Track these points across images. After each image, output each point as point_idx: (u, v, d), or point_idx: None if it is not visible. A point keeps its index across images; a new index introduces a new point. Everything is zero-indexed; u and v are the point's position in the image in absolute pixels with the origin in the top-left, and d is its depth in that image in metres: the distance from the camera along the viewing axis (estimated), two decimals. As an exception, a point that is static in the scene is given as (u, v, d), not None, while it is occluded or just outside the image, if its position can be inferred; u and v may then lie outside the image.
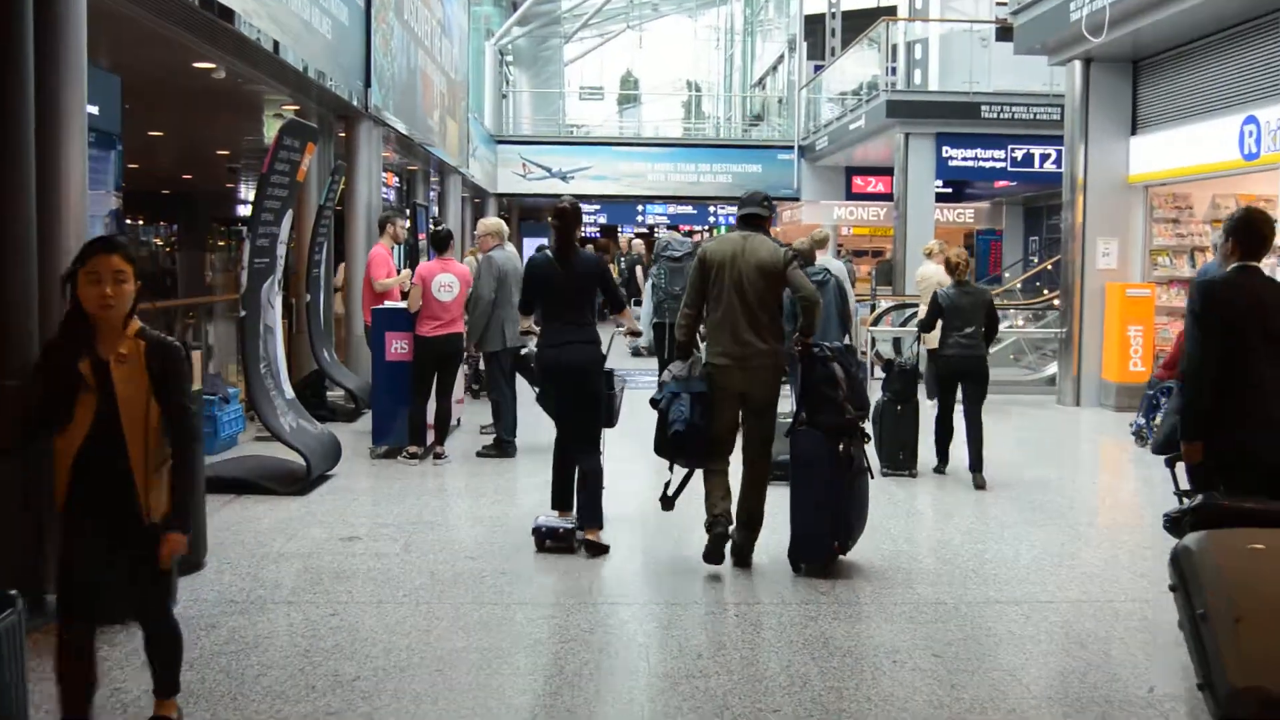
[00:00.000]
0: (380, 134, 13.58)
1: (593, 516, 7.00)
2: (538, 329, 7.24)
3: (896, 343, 15.28)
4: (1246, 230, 5.24)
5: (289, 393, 9.05)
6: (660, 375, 8.17)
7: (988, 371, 9.38)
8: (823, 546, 6.54)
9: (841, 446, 6.49)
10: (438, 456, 9.61)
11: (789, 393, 8.26)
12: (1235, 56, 12.16)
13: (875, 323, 15.69)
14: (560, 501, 7.23)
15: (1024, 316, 17.38)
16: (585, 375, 7.05)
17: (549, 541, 6.93)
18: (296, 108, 11.93)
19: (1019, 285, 20.82)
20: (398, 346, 9.82)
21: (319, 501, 8.11)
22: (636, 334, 8.07)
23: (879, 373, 11.92)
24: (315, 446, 8.67)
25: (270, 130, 14.37)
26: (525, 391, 10.04)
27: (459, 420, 11.26)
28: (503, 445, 10.00)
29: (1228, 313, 5.09)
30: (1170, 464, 5.49)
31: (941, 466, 9.55)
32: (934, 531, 7.74)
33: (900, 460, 9.38)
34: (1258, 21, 11.67)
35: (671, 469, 6.85)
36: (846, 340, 9.73)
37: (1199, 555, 4.50)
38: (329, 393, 11.97)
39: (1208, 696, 4.37)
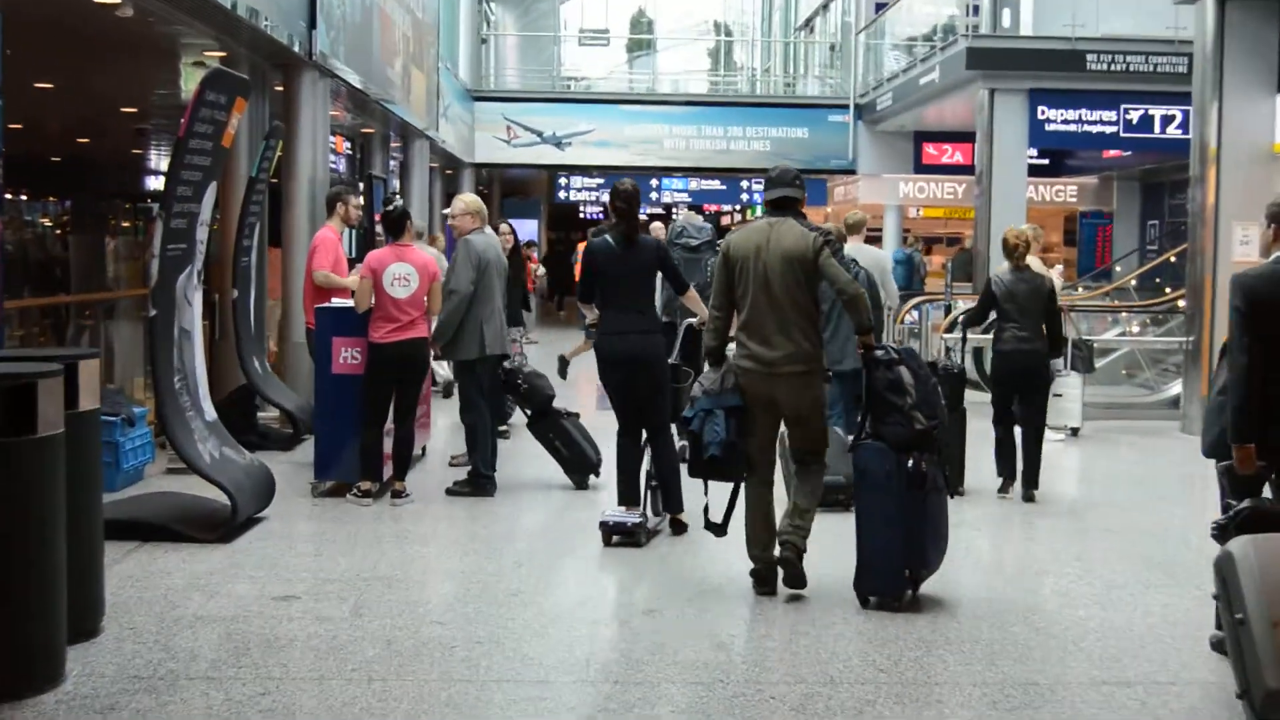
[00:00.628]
0: (327, 88, 13.63)
1: (674, 502, 8.66)
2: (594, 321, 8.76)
3: (978, 354, 15.25)
4: None
5: (210, 413, 9.06)
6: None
7: (1049, 373, 9.94)
8: (896, 576, 6.99)
9: (911, 461, 6.89)
10: (397, 495, 9.62)
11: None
12: None
13: (951, 329, 15.65)
14: (627, 497, 8.59)
15: (1139, 321, 17.38)
16: (649, 365, 8.52)
17: (616, 537, 8.31)
18: (223, 54, 11.99)
19: (1134, 282, 20.83)
20: (347, 356, 9.82)
21: (247, 550, 8.11)
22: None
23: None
24: (243, 481, 8.68)
25: (189, 83, 14.43)
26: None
27: (424, 449, 11.28)
28: (478, 481, 9.97)
29: (1266, 308, 5.90)
30: (1224, 472, 6.16)
31: (1005, 487, 9.66)
32: (1023, 593, 7.71)
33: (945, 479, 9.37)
34: None
35: (706, 490, 7.57)
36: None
37: (1240, 560, 5.18)
38: (261, 413, 12.01)
39: (1246, 706, 5.09)
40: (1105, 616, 7.16)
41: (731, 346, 7.36)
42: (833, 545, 7.62)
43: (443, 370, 13.69)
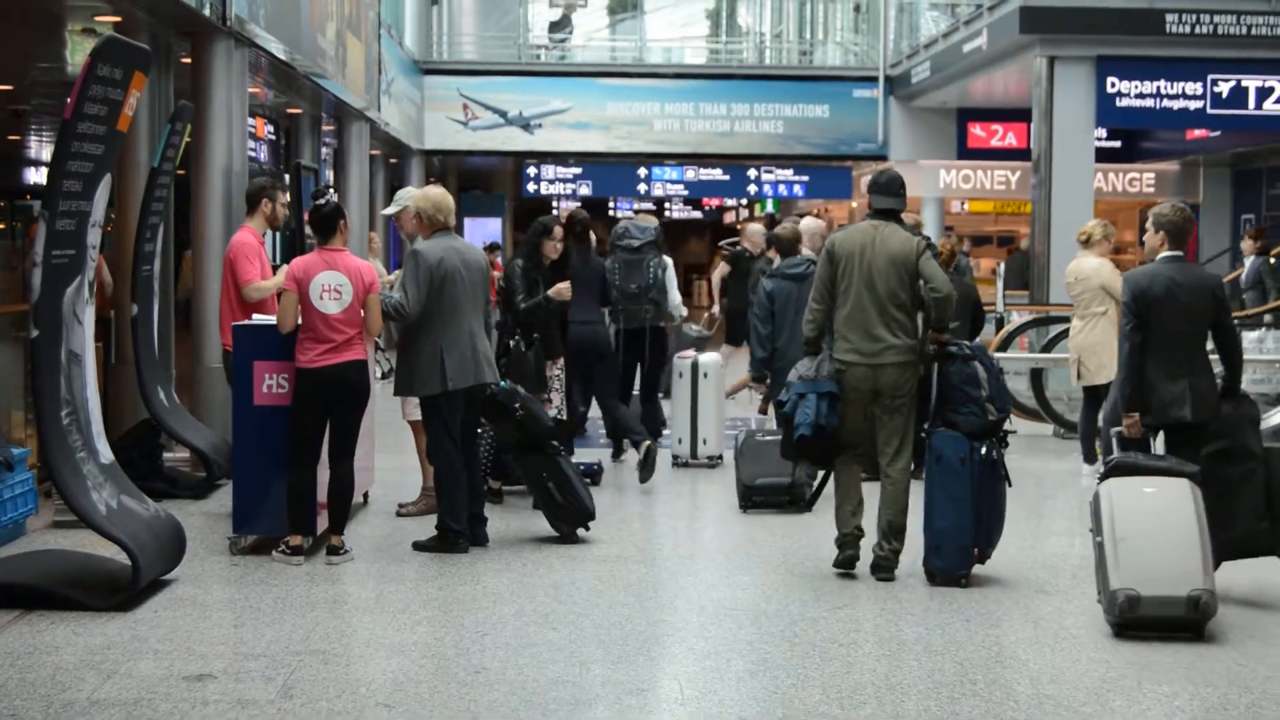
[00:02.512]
0: (246, 59, 13.65)
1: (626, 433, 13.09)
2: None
3: (1038, 376, 15.30)
4: (1172, 226, 8.93)
5: (105, 455, 9.02)
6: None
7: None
8: (964, 554, 9.11)
9: (985, 448, 9.07)
10: (333, 551, 9.59)
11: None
12: None
13: (1005, 345, 15.72)
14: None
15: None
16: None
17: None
18: (117, 20, 12.00)
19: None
20: (272, 383, 9.79)
21: (152, 620, 8.08)
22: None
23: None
24: (146, 536, 8.64)
25: (77, 55, 14.45)
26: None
27: (366, 496, 11.28)
28: (446, 536, 9.94)
29: (1150, 302, 8.70)
30: (1117, 435, 9.02)
31: None
32: (1093, 665, 7.74)
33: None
34: None
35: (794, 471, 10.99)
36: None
37: (1103, 497, 8.33)
38: (167, 454, 12.00)
39: (1102, 604, 8.17)
40: (1194, 692, 7.19)
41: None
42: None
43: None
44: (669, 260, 14.12)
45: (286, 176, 18.35)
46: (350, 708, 6.68)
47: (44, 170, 13.83)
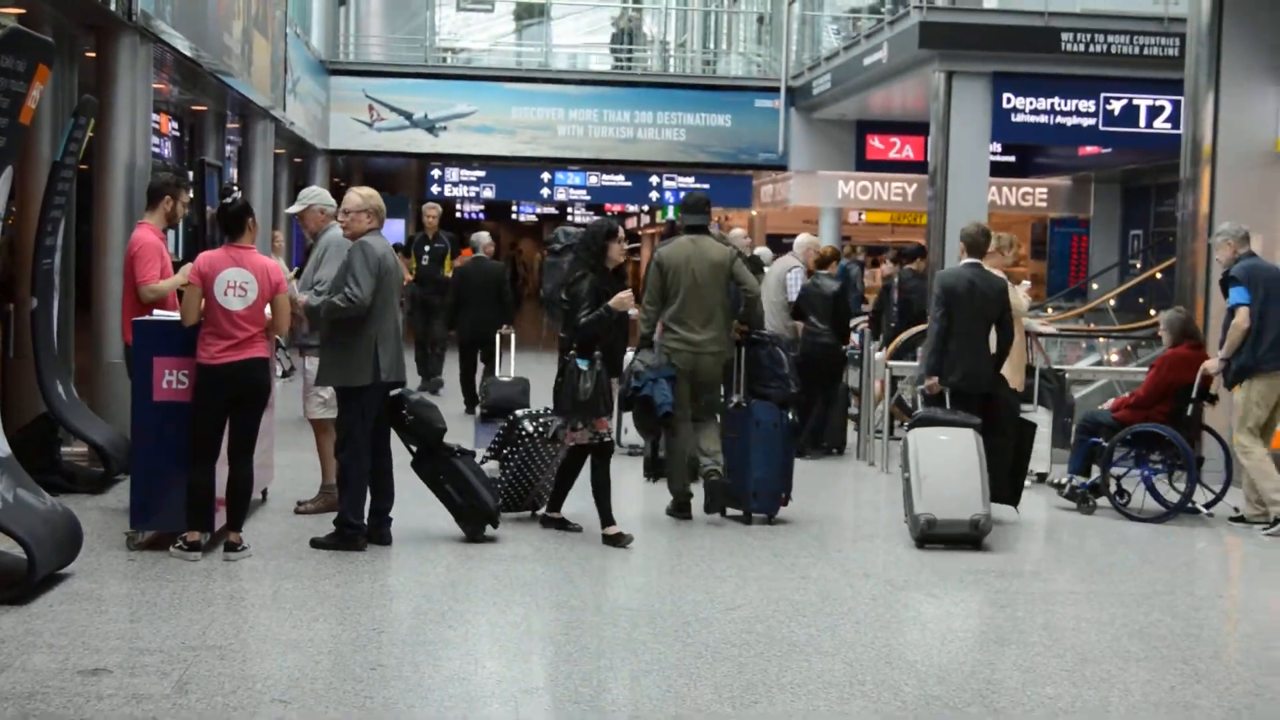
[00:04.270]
0: (151, 55, 13.53)
1: None
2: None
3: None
4: (970, 239, 11.80)
5: (3, 448, 8.94)
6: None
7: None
8: (774, 499, 11.51)
9: (790, 415, 11.90)
10: (231, 547, 9.52)
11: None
12: None
13: (898, 354, 15.82)
14: None
15: (1119, 349, 17.67)
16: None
17: None
18: (20, 12, 11.86)
19: (1113, 302, 21.20)
20: (172, 379, 9.72)
21: (48, 614, 8.00)
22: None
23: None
24: (42, 530, 8.56)
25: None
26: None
27: (265, 492, 11.21)
28: (345, 532, 9.90)
29: (954, 296, 11.40)
30: (921, 393, 12.01)
31: None
32: (980, 666, 7.83)
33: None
34: None
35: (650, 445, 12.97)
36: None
37: (910, 441, 11.06)
38: (65, 448, 11.87)
39: (909, 526, 10.83)
40: (1076, 694, 7.29)
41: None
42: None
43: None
44: None
45: (190, 173, 18.18)
46: (246, 703, 6.64)
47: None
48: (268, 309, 9.58)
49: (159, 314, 10.17)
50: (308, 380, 11.08)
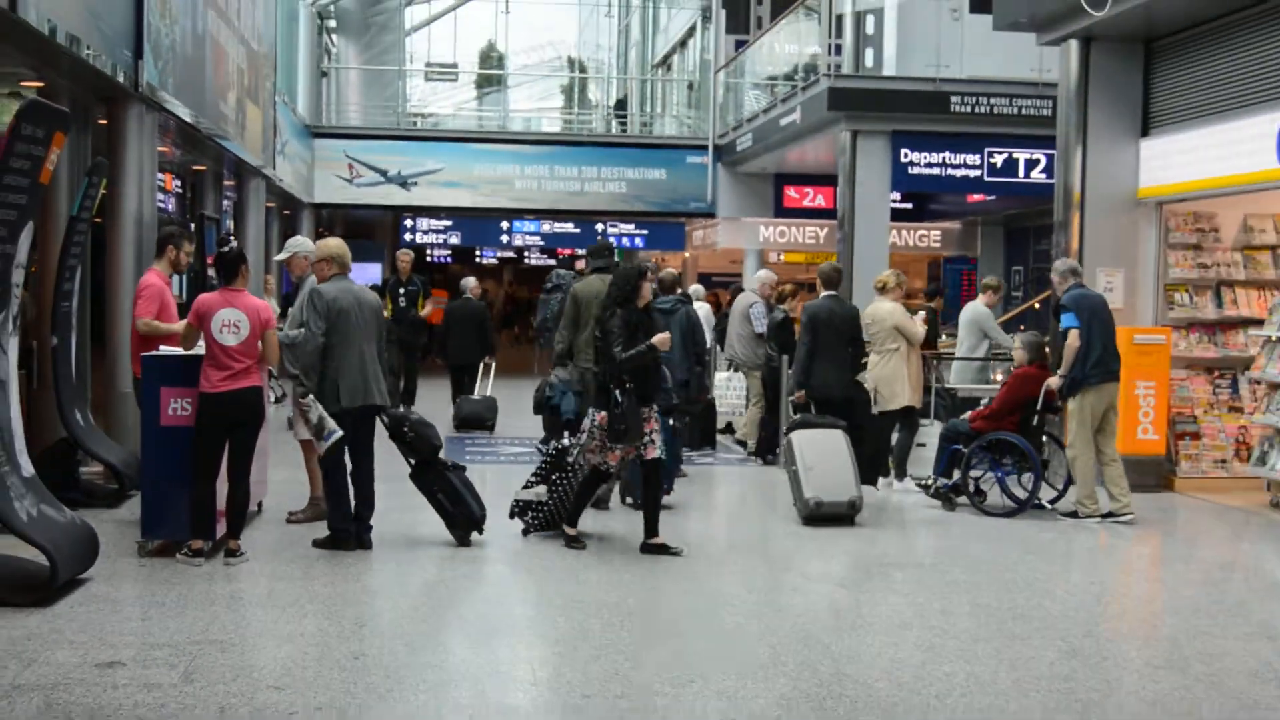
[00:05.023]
0: (156, 122, 13.49)
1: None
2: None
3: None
4: (825, 276, 13.44)
5: (27, 469, 8.87)
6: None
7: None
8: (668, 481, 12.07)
9: (671, 419, 12.39)
10: (231, 554, 9.50)
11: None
12: (1275, 38, 12.69)
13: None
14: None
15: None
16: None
17: None
18: (40, 85, 11.81)
19: (922, 313, 21.27)
20: (177, 407, 9.71)
21: (68, 615, 7.96)
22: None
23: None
24: (63, 541, 8.52)
25: (3, 116, 14.17)
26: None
27: (260, 505, 11.18)
28: (334, 535, 10.00)
29: (819, 322, 12.77)
30: (792, 403, 13.37)
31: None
32: (885, 647, 7.87)
33: None
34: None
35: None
36: (698, 370, 13.92)
37: (793, 440, 12.06)
38: (83, 468, 11.79)
39: (797, 510, 11.69)
40: (969, 670, 7.34)
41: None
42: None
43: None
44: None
45: (192, 225, 18.13)
46: (244, 690, 6.62)
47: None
48: (260, 343, 9.59)
49: (165, 349, 10.17)
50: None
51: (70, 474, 11.46)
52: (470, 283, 19.47)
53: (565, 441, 11.09)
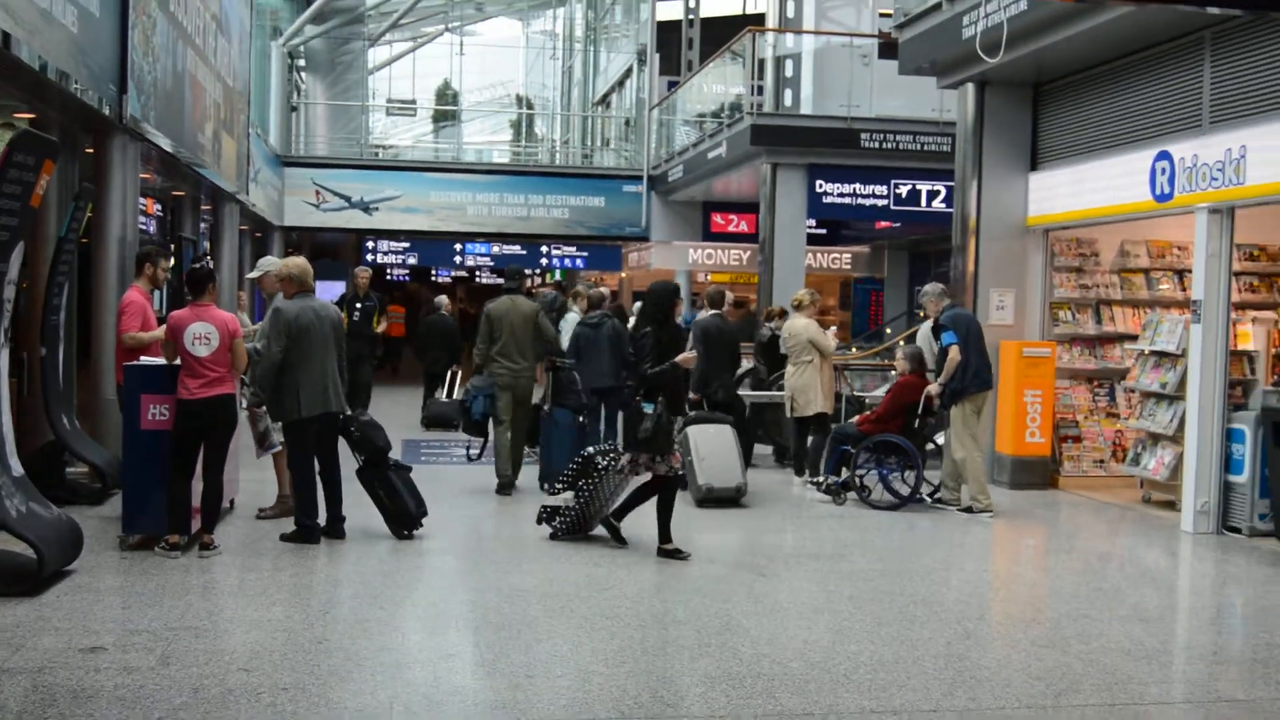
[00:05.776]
0: (138, 151, 13.36)
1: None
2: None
3: (757, 409, 15.56)
4: (711, 297, 14.07)
5: (17, 469, 8.78)
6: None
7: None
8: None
9: (580, 419, 13.20)
10: (205, 547, 9.42)
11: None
12: (1149, 84, 12.85)
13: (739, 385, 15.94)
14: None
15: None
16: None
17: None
18: (31, 116, 11.69)
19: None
20: (156, 412, 9.61)
21: (54, 603, 7.86)
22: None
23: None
24: (50, 535, 8.42)
25: (-1, 144, 14.01)
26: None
27: (232, 502, 11.09)
28: (302, 529, 9.95)
29: (706, 335, 13.41)
30: (693, 403, 13.10)
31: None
32: (799, 630, 7.90)
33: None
34: (1173, 44, 12.34)
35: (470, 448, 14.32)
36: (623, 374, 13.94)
37: (689, 434, 12.46)
38: (69, 469, 11.65)
39: (692, 493, 12.27)
40: (875, 650, 7.38)
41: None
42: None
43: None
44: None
45: (171, 246, 17.97)
46: (216, 673, 6.57)
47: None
48: (230, 353, 9.52)
49: (145, 359, 10.08)
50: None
51: (57, 474, 11.32)
52: (443, 301, 20.27)
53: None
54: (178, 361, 9.37)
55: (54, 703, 6.03)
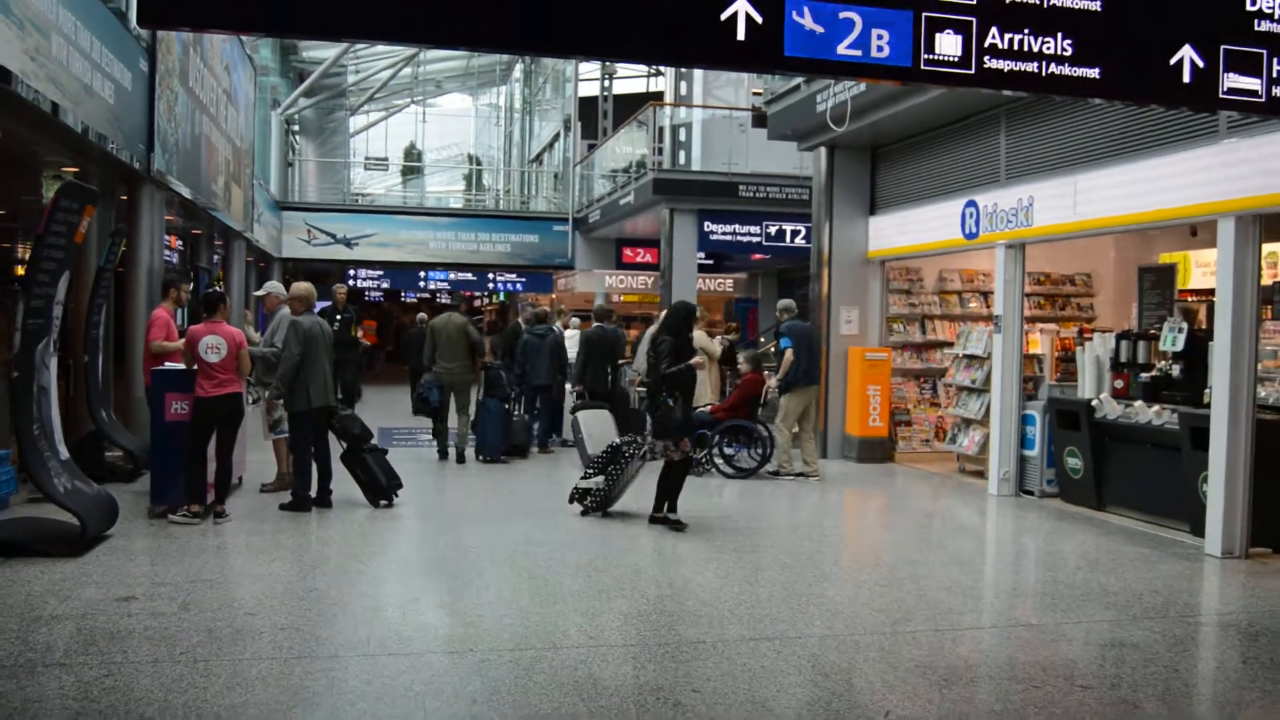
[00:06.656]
0: (163, 198, 13.10)
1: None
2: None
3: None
4: (597, 313, 14.59)
5: (64, 454, 8.55)
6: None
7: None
8: (495, 449, 13.19)
9: (505, 405, 13.39)
10: (218, 515, 9.23)
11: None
12: (958, 148, 13.03)
13: (641, 384, 15.91)
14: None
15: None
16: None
17: None
18: (76, 170, 11.41)
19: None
20: (177, 407, 9.41)
21: (94, 562, 7.66)
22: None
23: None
24: (91, 507, 8.21)
25: (49, 191, 13.67)
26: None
27: (240, 479, 10.88)
28: (296, 500, 9.82)
29: (590, 344, 13.87)
30: (577, 393, 13.83)
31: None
32: (694, 575, 7.90)
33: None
34: (977, 117, 12.55)
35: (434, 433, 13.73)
36: (559, 378, 14.53)
37: (579, 418, 12.62)
38: (108, 453, 11.37)
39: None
40: (751, 591, 7.40)
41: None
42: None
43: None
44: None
45: (190, 274, 17.62)
46: (227, 616, 6.44)
47: (25, 266, 13.05)
48: (236, 360, 9.36)
49: (169, 365, 9.88)
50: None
51: (97, 457, 11.05)
52: (423, 316, 20.50)
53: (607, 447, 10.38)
54: (195, 366, 9.19)
55: (94, 642, 5.87)
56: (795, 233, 19.87)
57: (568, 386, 15.21)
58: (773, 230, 19.97)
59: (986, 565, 9.04)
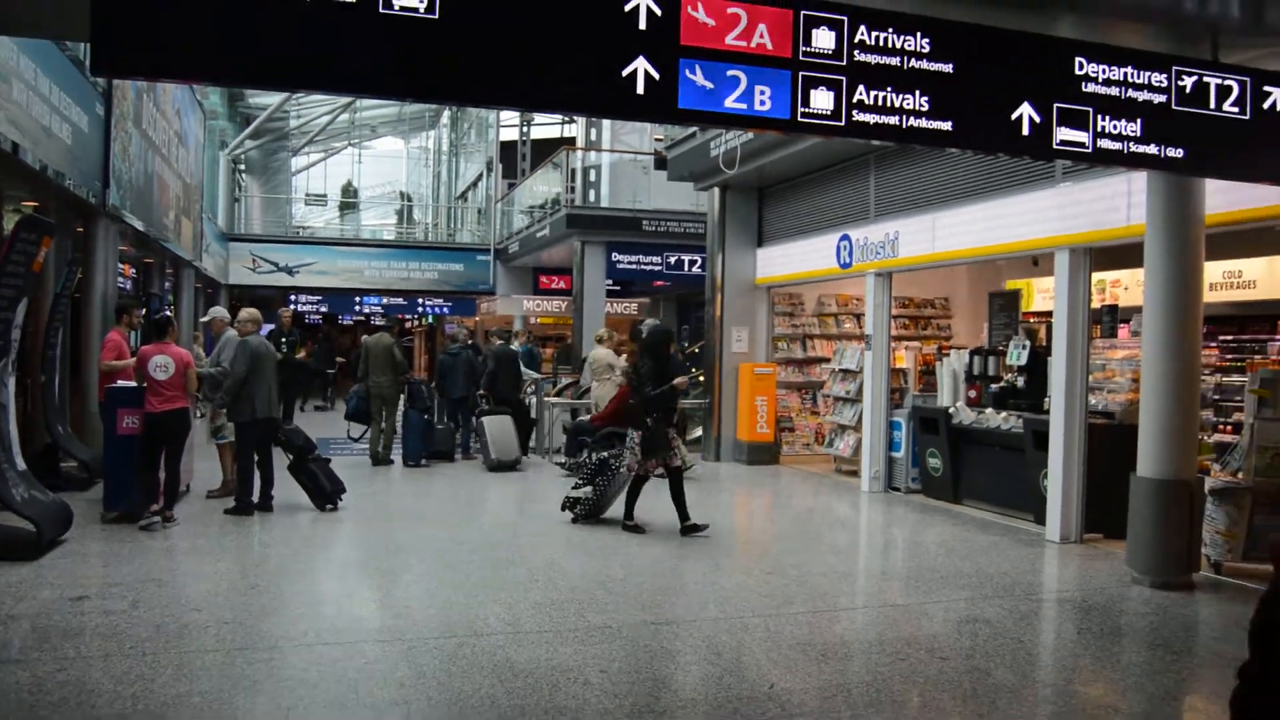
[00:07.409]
0: (118, 230, 12.74)
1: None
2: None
3: (574, 412, 15.49)
4: (499, 334, 14.54)
5: (21, 465, 8.23)
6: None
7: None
8: (419, 456, 13.17)
9: (426, 416, 13.47)
10: (167, 519, 8.95)
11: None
12: (834, 188, 13.24)
13: (557, 395, 15.87)
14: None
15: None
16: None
17: None
18: (35, 204, 11.04)
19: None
20: (129, 421, 9.12)
21: (50, 565, 7.38)
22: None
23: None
24: (46, 514, 7.91)
25: (8, 224, 13.19)
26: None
27: (188, 486, 10.59)
28: (240, 504, 9.56)
29: (498, 359, 13.65)
30: (480, 398, 13.58)
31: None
32: (601, 567, 7.87)
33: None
34: (850, 162, 12.78)
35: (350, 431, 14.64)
36: (474, 389, 14.09)
37: (485, 423, 13.01)
38: (64, 464, 10.97)
39: (484, 463, 13.01)
40: (654, 581, 7.40)
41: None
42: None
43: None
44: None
45: (143, 300, 17.12)
46: (175, 613, 6.25)
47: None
48: (183, 378, 9.11)
49: (121, 383, 9.58)
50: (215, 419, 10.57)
51: (54, 467, 10.65)
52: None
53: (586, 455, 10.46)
54: (145, 384, 8.93)
55: (48, 639, 5.65)
56: (692, 262, 19.99)
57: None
58: (673, 260, 20.07)
59: (859, 553, 9.16)
